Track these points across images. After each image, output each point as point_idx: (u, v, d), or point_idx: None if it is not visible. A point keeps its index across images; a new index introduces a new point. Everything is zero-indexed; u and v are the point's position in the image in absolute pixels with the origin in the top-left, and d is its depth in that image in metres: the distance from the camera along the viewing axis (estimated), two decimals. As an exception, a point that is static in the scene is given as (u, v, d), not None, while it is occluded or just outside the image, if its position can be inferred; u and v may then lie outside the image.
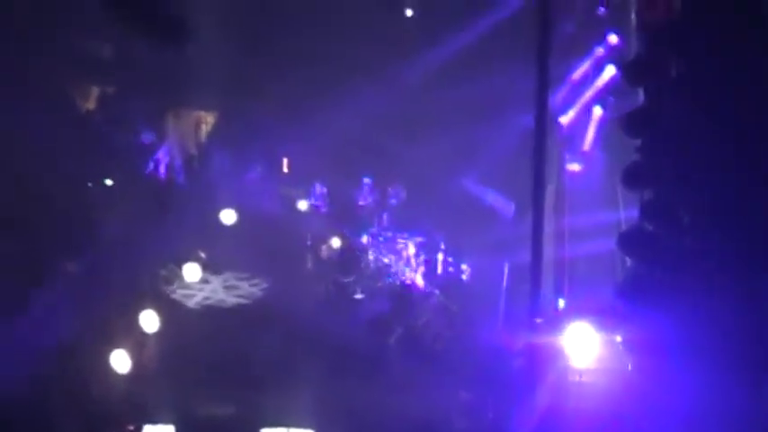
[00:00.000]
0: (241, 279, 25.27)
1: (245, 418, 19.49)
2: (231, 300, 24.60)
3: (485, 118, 25.94)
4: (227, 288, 24.96)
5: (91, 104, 28.55)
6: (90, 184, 26.52)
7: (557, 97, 23.58)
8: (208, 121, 29.71)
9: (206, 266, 25.00)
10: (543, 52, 17.83)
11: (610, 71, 24.18)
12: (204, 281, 24.89)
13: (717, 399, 16.61)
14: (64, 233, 24.27)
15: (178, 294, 24.46)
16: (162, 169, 28.15)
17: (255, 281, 25.11)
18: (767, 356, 15.93)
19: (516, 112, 22.80)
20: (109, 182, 26.81)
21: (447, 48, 26.95)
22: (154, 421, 19.10)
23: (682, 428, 17.34)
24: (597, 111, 24.71)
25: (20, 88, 24.69)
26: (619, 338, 20.00)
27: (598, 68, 24.45)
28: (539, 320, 18.45)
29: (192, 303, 24.30)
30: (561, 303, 23.43)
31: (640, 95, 20.24)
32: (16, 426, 18.25)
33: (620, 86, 23.13)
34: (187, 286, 24.66)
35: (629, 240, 20.48)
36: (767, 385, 16.13)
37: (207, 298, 24.53)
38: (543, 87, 18.42)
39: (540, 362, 19.22)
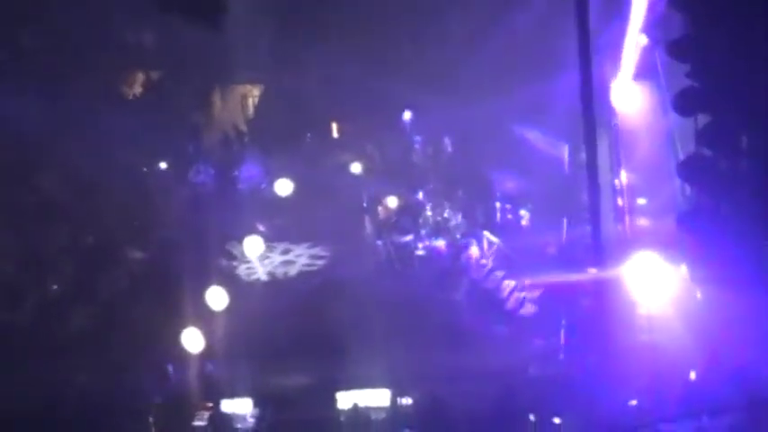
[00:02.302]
0: (302, 249, 25.38)
1: (319, 385, 19.59)
2: (294, 270, 24.71)
3: (532, 64, 25.55)
4: (288, 259, 25.09)
5: (137, 90, 28.78)
6: (145, 170, 26.81)
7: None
8: (254, 94, 29.76)
9: (267, 239, 25.15)
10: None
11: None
12: (266, 253, 25.04)
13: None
14: (125, 220, 24.59)
15: (242, 269, 24.66)
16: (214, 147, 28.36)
17: (316, 249, 25.20)
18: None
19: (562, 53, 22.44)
20: (163, 165, 27.06)
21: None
22: (231, 396, 19.28)
23: (752, 360, 17.13)
24: (642, 39, 24.21)
25: (67, 80, 25.02)
26: (684, 269, 19.72)
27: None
28: (593, 270, 18.27)
29: (256, 277, 24.48)
30: (619, 229, 23.09)
31: (687, 23, 19.83)
32: (98, 411, 18.57)
33: (665, 15, 22.70)
34: (250, 260, 24.84)
35: (688, 167, 20.13)
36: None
37: (271, 270, 24.68)
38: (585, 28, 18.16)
39: (606, 299, 19.05)
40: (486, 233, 24.18)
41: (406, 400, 18.98)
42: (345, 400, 18.92)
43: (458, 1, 27.30)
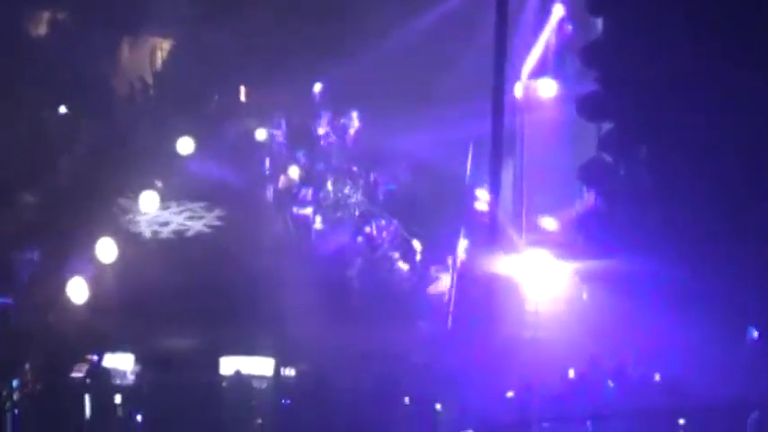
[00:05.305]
0: (198, 209, 25.14)
1: (204, 349, 19.50)
2: (188, 230, 24.46)
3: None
4: (183, 219, 24.83)
5: (42, 30, 28.01)
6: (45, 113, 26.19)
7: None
8: (164, 48, 29.27)
9: (163, 196, 24.83)
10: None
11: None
12: (161, 211, 24.73)
13: (672, 333, 16.97)
14: (20, 163, 23.98)
15: (135, 224, 24.31)
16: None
17: (213, 212, 24.99)
18: (727, 298, 16.26)
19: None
20: (63, 109, 26.47)
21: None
22: (113, 350, 19.07)
23: (635, 357, 17.73)
24: (552, 38, 24.58)
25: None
26: (574, 269, 20.22)
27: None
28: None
29: (149, 233, 24.17)
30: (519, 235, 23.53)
31: (599, 25, 20.23)
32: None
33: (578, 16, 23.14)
34: (144, 215, 24.51)
35: (589, 171, 20.61)
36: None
37: (164, 228, 24.40)
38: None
39: (496, 292, 19.43)
40: (386, 214, 24.27)
41: (290, 371, 19.04)
42: (228, 365, 18.89)
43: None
